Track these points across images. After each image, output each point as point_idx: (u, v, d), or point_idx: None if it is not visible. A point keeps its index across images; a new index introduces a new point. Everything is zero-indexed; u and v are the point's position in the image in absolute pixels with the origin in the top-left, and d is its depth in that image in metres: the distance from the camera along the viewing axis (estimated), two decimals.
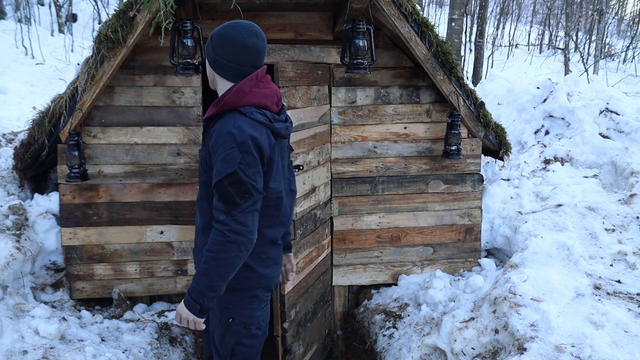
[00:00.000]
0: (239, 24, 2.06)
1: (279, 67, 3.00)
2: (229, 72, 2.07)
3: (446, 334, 2.85)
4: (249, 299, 2.22)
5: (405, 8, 3.10)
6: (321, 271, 3.53)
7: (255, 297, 2.24)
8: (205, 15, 3.27)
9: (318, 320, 3.54)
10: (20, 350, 2.49)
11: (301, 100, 3.15)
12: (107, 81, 3.08)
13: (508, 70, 13.58)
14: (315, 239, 3.37)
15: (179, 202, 3.37)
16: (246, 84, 2.04)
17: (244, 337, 2.26)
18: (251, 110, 2.01)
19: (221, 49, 2.05)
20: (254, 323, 2.27)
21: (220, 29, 2.07)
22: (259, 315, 2.29)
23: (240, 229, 1.89)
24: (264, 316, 2.33)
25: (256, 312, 2.27)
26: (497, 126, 3.69)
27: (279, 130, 2.08)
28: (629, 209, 3.61)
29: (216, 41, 2.06)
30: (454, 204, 3.69)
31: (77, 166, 3.11)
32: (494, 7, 19.81)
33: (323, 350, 3.65)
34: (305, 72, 3.21)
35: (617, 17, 22.05)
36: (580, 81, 5.55)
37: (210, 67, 2.13)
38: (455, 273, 3.71)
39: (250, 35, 2.04)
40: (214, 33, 2.08)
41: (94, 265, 3.34)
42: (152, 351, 2.88)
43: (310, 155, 3.23)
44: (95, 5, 12.98)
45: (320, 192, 3.42)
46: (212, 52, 2.08)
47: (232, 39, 2.03)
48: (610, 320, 2.58)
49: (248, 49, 2.04)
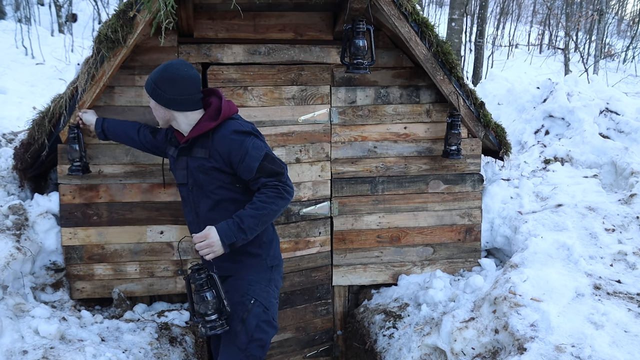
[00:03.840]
0: (173, 63, 2.43)
1: (210, 71, 3.25)
2: (186, 105, 2.39)
3: (446, 334, 2.85)
4: (267, 282, 2.48)
5: (405, 8, 3.10)
6: (307, 267, 3.58)
7: (272, 280, 2.50)
8: (205, 15, 3.27)
9: (298, 311, 3.61)
10: (20, 350, 2.49)
11: (259, 99, 3.34)
12: (107, 81, 3.08)
13: (508, 70, 13.59)
14: (292, 233, 3.50)
15: (179, 202, 3.36)
16: (223, 99, 2.43)
17: (262, 321, 2.44)
18: (237, 116, 2.47)
19: (172, 88, 2.36)
20: (271, 309, 2.48)
21: (159, 73, 2.38)
22: (275, 304, 2.53)
23: (290, 190, 2.33)
24: (276, 307, 2.56)
25: (273, 298, 2.50)
26: (497, 126, 3.69)
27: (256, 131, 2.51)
28: (629, 209, 3.61)
29: (163, 85, 2.36)
30: (454, 204, 3.69)
31: (77, 159, 3.09)
32: (494, 7, 19.82)
33: (297, 343, 3.66)
34: (266, 74, 3.33)
35: (617, 17, 22.06)
36: (580, 81, 5.55)
37: (164, 108, 2.41)
38: (455, 273, 3.71)
39: (189, 68, 2.40)
40: (156, 79, 2.37)
41: (94, 265, 3.34)
42: (152, 351, 2.88)
43: (279, 152, 3.37)
44: (95, 5, 12.98)
45: (304, 190, 3.48)
46: (164, 94, 2.36)
47: (177, 77, 2.36)
48: (610, 320, 2.58)
49: (192, 80, 2.39)
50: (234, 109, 2.45)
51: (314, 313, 3.66)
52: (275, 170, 2.31)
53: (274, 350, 3.56)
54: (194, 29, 3.25)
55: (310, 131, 3.46)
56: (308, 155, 3.47)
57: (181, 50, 3.26)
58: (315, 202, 3.53)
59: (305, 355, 3.69)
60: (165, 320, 3.24)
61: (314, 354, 3.72)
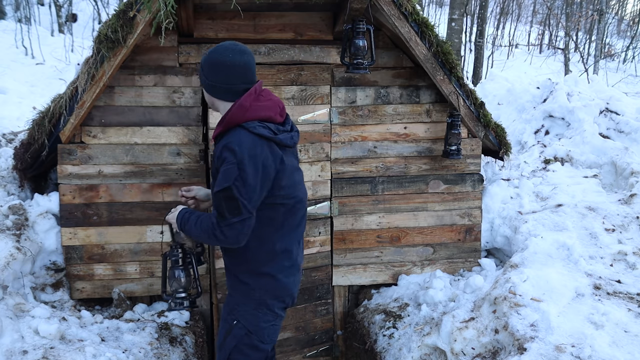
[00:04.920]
0: (223, 46, 2.18)
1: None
2: (225, 94, 2.19)
3: (446, 334, 2.85)
4: (256, 304, 2.28)
5: (405, 8, 3.10)
6: (307, 267, 3.56)
7: (262, 305, 2.28)
8: (205, 15, 3.27)
9: (298, 311, 3.60)
10: (20, 350, 2.49)
11: None
12: (107, 81, 3.08)
13: (508, 70, 13.58)
14: None
15: (179, 202, 3.36)
16: (246, 99, 2.12)
17: (243, 344, 2.28)
18: (254, 125, 2.10)
19: (213, 74, 2.17)
20: (257, 333, 2.29)
21: (207, 55, 2.19)
22: (265, 327, 2.31)
23: (221, 238, 2.11)
24: (270, 331, 2.34)
25: (262, 322, 2.29)
26: (497, 126, 3.69)
27: (283, 141, 2.18)
28: (629, 209, 3.61)
29: (206, 68, 2.19)
30: (454, 204, 3.69)
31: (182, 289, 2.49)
32: (494, 7, 19.81)
33: (297, 343, 3.66)
34: (266, 74, 3.33)
35: (617, 17, 22.05)
36: (580, 81, 5.55)
37: (206, 92, 2.25)
38: (455, 273, 3.71)
39: (235, 55, 2.15)
40: (203, 61, 2.20)
41: (94, 265, 3.34)
42: (152, 351, 2.88)
43: None
44: (95, 5, 12.98)
45: None
46: (206, 78, 2.20)
47: (220, 63, 2.15)
48: (610, 320, 2.58)
49: (237, 68, 2.15)
50: (251, 114, 2.10)
51: (313, 313, 3.67)
52: (221, 210, 2.06)
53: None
54: (194, 29, 3.25)
55: (310, 131, 3.46)
56: (308, 155, 3.47)
57: (181, 50, 3.26)
58: (315, 202, 3.52)
59: (305, 355, 3.69)
60: (165, 320, 3.24)
61: (313, 353, 3.72)
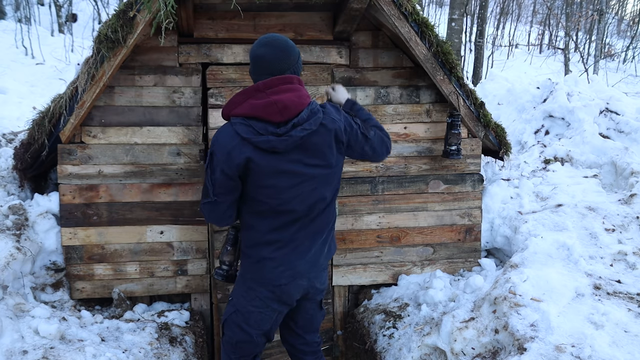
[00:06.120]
0: (259, 39, 2.20)
1: (209, 71, 3.24)
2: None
3: (446, 334, 2.85)
4: (247, 288, 2.38)
5: (405, 8, 3.10)
6: None
7: (251, 289, 2.36)
8: (205, 15, 3.27)
9: None
10: (20, 350, 2.49)
11: None
12: (107, 81, 3.08)
13: (508, 70, 13.59)
14: None
15: (179, 202, 3.37)
16: (239, 95, 2.14)
17: (232, 320, 2.42)
18: (237, 121, 2.11)
19: (250, 64, 2.23)
20: (244, 314, 2.38)
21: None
22: (252, 312, 2.37)
23: (202, 213, 2.31)
24: (258, 317, 2.37)
25: (249, 305, 2.37)
26: (497, 126, 3.69)
27: (258, 144, 2.07)
28: (629, 209, 3.61)
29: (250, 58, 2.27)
30: (454, 204, 3.69)
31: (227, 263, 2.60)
32: (494, 7, 19.81)
33: None
34: None
35: (617, 17, 22.05)
36: (580, 81, 5.55)
37: None
38: (455, 273, 3.71)
39: (258, 46, 2.16)
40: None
41: (94, 265, 3.34)
42: (152, 351, 2.88)
43: None
44: (95, 5, 12.98)
45: None
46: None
47: (251, 54, 2.19)
48: (610, 320, 2.58)
49: (256, 59, 2.16)
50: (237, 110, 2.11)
51: None
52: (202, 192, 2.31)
53: (273, 349, 3.55)
54: (194, 29, 3.25)
55: None
56: None
57: (181, 50, 3.26)
58: None
59: None
60: (165, 320, 3.24)
61: None
